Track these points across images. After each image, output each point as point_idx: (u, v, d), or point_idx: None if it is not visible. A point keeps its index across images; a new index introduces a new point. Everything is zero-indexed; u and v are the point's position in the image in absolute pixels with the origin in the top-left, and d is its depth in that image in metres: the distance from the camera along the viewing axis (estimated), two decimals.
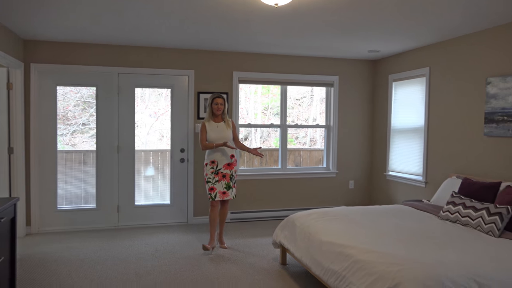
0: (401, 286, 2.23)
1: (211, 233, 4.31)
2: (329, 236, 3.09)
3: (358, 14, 3.67)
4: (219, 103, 4.29)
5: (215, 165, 4.26)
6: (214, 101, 4.29)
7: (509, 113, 3.85)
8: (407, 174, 5.39)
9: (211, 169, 4.26)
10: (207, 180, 4.27)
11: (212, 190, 4.24)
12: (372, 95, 6.16)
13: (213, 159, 4.27)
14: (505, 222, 3.07)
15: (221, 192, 4.25)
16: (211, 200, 4.25)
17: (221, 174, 4.26)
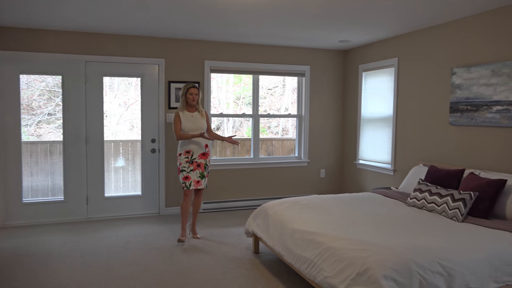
0: (370, 272, 2.29)
1: (182, 223, 4.29)
2: (301, 224, 3.14)
3: (329, 4, 3.69)
4: (194, 93, 4.24)
5: (190, 154, 4.23)
6: (189, 91, 4.24)
7: (472, 102, 3.99)
8: (377, 163, 5.52)
9: (186, 159, 4.22)
10: (181, 169, 4.23)
11: (187, 179, 4.21)
12: (343, 85, 6.24)
13: (188, 149, 4.23)
14: (468, 208, 3.20)
15: (195, 181, 4.23)
16: (185, 189, 4.21)
17: (196, 163, 4.24)
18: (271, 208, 3.67)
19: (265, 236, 3.56)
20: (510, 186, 3.27)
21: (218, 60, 5.51)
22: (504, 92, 3.67)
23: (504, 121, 3.68)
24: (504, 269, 2.53)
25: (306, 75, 5.98)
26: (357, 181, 5.92)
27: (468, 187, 3.41)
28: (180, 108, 4.28)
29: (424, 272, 2.32)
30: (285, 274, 3.42)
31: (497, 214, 3.26)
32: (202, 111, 4.34)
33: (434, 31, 4.49)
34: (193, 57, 5.41)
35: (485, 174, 3.62)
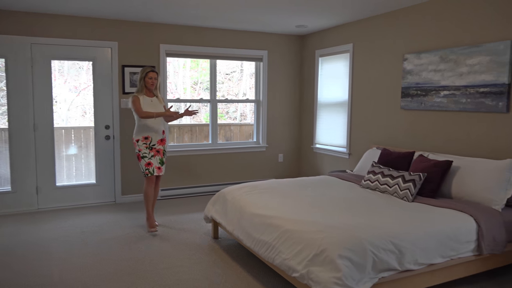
0: (326, 252, 2.36)
1: (148, 211, 4.15)
2: (259, 208, 3.17)
3: None
4: (153, 77, 4.10)
5: (149, 141, 4.12)
6: (148, 75, 4.09)
7: (422, 87, 4.16)
8: (333, 146, 5.66)
9: (145, 145, 4.10)
10: (142, 156, 4.09)
11: (150, 165, 4.09)
12: (300, 70, 6.30)
13: (146, 135, 4.10)
14: (418, 188, 3.36)
15: (157, 167, 4.14)
16: (149, 175, 4.09)
17: (155, 149, 4.14)
18: (230, 193, 3.68)
19: (224, 221, 3.57)
20: (456, 167, 3.47)
21: (174, 44, 5.38)
22: (451, 77, 3.85)
23: (451, 105, 3.87)
24: (449, 244, 2.69)
25: (264, 60, 5.98)
26: (314, 165, 6.05)
27: (418, 168, 3.57)
28: (138, 93, 4.11)
29: (377, 250, 2.42)
30: (244, 258, 3.46)
31: (444, 194, 3.45)
32: (160, 97, 4.24)
33: (388, 18, 4.61)
34: (148, 41, 5.24)
35: (433, 156, 3.81)
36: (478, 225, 2.83)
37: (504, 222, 2.96)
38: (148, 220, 4.14)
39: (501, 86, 3.42)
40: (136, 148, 4.12)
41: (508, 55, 3.35)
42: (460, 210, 2.98)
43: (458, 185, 3.35)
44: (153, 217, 4.18)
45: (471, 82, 3.66)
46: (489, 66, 3.50)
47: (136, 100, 4.03)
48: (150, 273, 3.14)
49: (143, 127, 4.11)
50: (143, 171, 4.12)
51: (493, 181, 3.15)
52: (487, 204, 3.13)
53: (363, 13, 4.69)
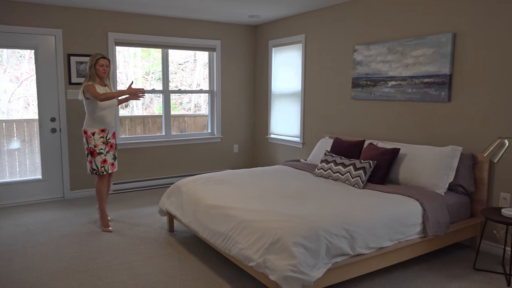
0: (281, 240, 2.40)
1: (102, 209, 3.94)
2: (215, 199, 3.16)
3: None
4: (105, 65, 3.80)
5: (106, 133, 3.86)
6: (99, 62, 3.78)
7: (371, 78, 4.30)
8: (287, 136, 5.73)
9: (102, 139, 3.83)
10: (98, 152, 3.81)
11: (105, 162, 3.85)
12: (254, 60, 6.30)
13: (103, 127, 3.84)
14: (368, 175, 3.49)
15: (111, 163, 3.95)
16: (103, 173, 3.86)
17: (110, 144, 3.92)
18: (185, 185, 3.63)
19: (179, 213, 3.53)
20: (403, 154, 3.63)
21: (123, 32, 5.19)
22: (398, 68, 4.00)
23: (398, 95, 4.03)
24: (397, 228, 2.83)
25: (217, 50, 5.92)
26: (269, 154, 6.11)
27: (368, 156, 3.71)
28: (92, 82, 3.74)
29: (330, 237, 2.50)
30: (201, 250, 3.44)
31: (392, 180, 3.61)
32: (111, 87, 3.98)
33: (339, 9, 4.70)
34: (95, 28, 5.02)
35: (382, 144, 3.96)
36: (424, 209, 3.00)
37: (446, 205, 3.15)
38: (102, 219, 3.95)
39: (443, 76, 3.61)
40: (91, 142, 3.80)
41: (449, 47, 3.54)
42: (407, 195, 3.13)
43: (405, 171, 3.52)
44: (107, 215, 4.00)
45: (417, 73, 3.83)
46: (433, 58, 3.68)
47: (92, 87, 3.68)
48: (103, 270, 3.05)
49: (99, 118, 3.81)
50: (96, 169, 3.83)
51: (437, 167, 3.33)
52: (431, 188, 3.31)
53: (315, 4, 4.75)
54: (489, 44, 3.30)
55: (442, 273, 3.01)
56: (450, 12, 3.56)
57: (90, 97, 3.72)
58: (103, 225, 3.92)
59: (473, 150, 3.47)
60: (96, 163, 3.84)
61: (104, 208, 3.96)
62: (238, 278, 2.94)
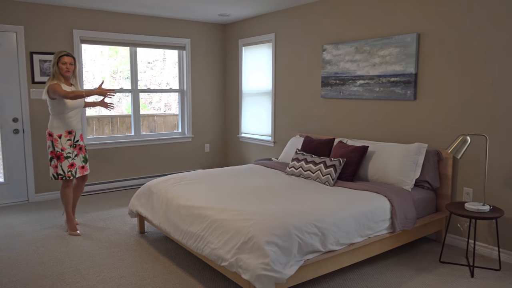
0: (254, 239, 2.41)
1: (68, 212, 3.78)
2: (186, 199, 3.13)
3: None
4: (68, 62, 3.59)
5: (73, 136, 3.68)
6: (62, 59, 3.57)
7: (340, 77, 4.37)
8: (258, 135, 5.75)
9: (69, 142, 3.65)
10: (66, 156, 3.63)
11: (73, 167, 3.68)
12: (224, 59, 6.28)
13: (70, 128, 3.65)
14: (338, 173, 3.55)
15: (80, 167, 3.77)
16: (70, 178, 3.69)
17: (78, 146, 3.74)
18: (156, 186, 3.58)
19: (150, 215, 3.47)
20: (371, 152, 3.72)
21: (90, 30, 5.05)
22: (366, 67, 4.09)
23: (366, 93, 4.12)
24: (366, 224, 2.89)
25: (187, 49, 5.86)
26: (241, 153, 6.11)
27: (338, 154, 3.77)
28: (57, 81, 3.56)
29: (302, 234, 2.52)
30: (173, 251, 3.40)
31: (361, 177, 3.69)
32: (78, 87, 3.80)
33: (308, 9, 4.75)
34: (60, 25, 4.86)
35: (351, 142, 4.04)
36: (392, 204, 3.08)
37: (413, 200, 3.25)
38: (69, 223, 3.80)
39: (409, 76, 3.72)
40: (58, 146, 3.62)
41: (414, 47, 3.64)
42: (376, 192, 3.21)
43: (374, 168, 3.60)
44: (74, 219, 3.87)
45: (383, 72, 3.93)
46: (399, 57, 3.78)
47: (57, 86, 3.48)
48: (71, 274, 2.96)
49: (66, 119, 3.62)
50: (62, 174, 3.66)
51: (404, 163, 3.43)
52: (398, 185, 3.41)
53: (284, 3, 4.78)
54: (451, 44, 3.42)
55: (410, 266, 3.10)
56: (414, 13, 3.66)
57: (56, 97, 3.52)
58: (70, 229, 3.80)
59: (437, 147, 3.59)
60: (62, 168, 3.66)
61: (71, 212, 3.83)
62: (211, 278, 2.93)
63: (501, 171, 3.19)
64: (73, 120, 3.69)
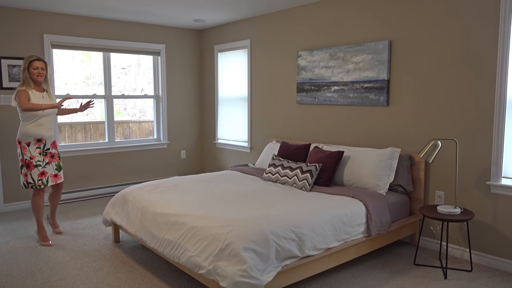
0: (231, 246, 2.39)
1: (38, 220, 3.67)
2: (162, 207, 3.08)
3: None
4: (40, 67, 3.52)
5: (43, 144, 3.57)
6: (33, 64, 3.50)
7: (315, 83, 4.42)
8: (235, 141, 5.74)
9: (38, 149, 3.55)
10: (35, 164, 3.52)
11: (43, 175, 3.57)
12: (200, 65, 6.26)
13: (39, 136, 3.54)
14: (314, 178, 3.58)
15: (53, 175, 3.66)
16: (41, 187, 3.58)
17: (49, 154, 3.64)
18: (131, 194, 3.51)
19: (125, 223, 3.40)
20: (346, 157, 3.77)
21: (61, 35, 4.94)
22: (340, 74, 4.15)
23: (340, 99, 4.18)
24: (343, 228, 2.92)
25: (162, 54, 5.81)
26: (217, 160, 6.08)
27: (314, 159, 3.80)
28: (26, 87, 3.49)
29: (279, 240, 2.53)
30: (149, 260, 3.34)
31: (337, 182, 3.73)
32: (51, 92, 3.70)
33: (283, 15, 4.80)
34: (29, 30, 4.73)
35: (327, 147, 4.09)
36: (367, 209, 3.12)
37: (388, 204, 3.31)
38: (40, 233, 3.68)
39: (382, 82, 3.80)
40: (27, 154, 3.51)
41: (386, 54, 3.73)
42: (351, 196, 3.25)
43: (349, 173, 3.65)
44: (44, 226, 3.74)
45: (357, 78, 4.00)
46: (371, 64, 3.86)
47: (23, 93, 3.42)
48: (42, 287, 2.86)
49: (35, 127, 3.52)
50: (32, 182, 3.55)
51: (378, 168, 3.49)
52: (373, 189, 3.46)
53: (259, 10, 4.81)
54: (421, 51, 3.52)
55: (385, 270, 3.15)
56: (386, 21, 3.76)
57: (17, 106, 3.44)
58: (41, 239, 3.68)
59: (410, 151, 3.68)
60: (32, 176, 3.55)
61: (42, 221, 3.71)
62: (188, 287, 2.89)
63: (471, 174, 3.29)
64: (43, 128, 3.58)
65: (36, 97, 3.54)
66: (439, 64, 3.42)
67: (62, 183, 3.86)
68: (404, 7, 3.61)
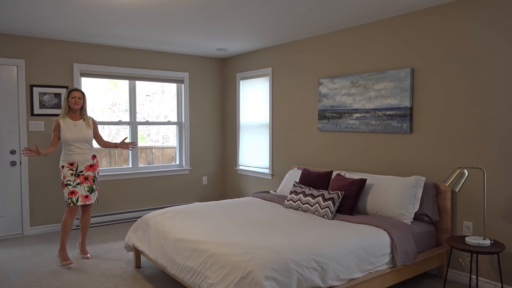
0: (252, 274, 2.36)
1: (63, 242, 3.81)
2: (183, 233, 3.08)
3: (205, 12, 3.73)
4: (77, 97, 3.89)
5: (75, 167, 3.87)
6: (71, 94, 3.88)
7: (337, 110, 4.43)
8: (256, 168, 5.74)
9: (70, 171, 3.85)
10: (66, 183, 3.82)
11: (73, 194, 3.83)
12: (222, 92, 6.37)
13: (71, 160, 3.87)
14: (336, 206, 3.53)
15: (84, 196, 3.88)
16: (71, 205, 3.82)
17: (83, 176, 3.90)
18: (152, 219, 3.54)
19: (146, 249, 3.41)
20: (369, 185, 3.71)
21: (89, 64, 5.13)
22: (362, 101, 4.15)
23: (363, 126, 4.16)
24: (367, 259, 2.85)
25: (185, 82, 5.95)
26: (238, 186, 6.08)
27: (336, 187, 3.76)
28: (61, 115, 3.91)
29: (300, 269, 2.48)
30: (169, 287, 3.32)
31: (360, 210, 3.66)
32: (89, 119, 4.01)
33: (304, 44, 4.87)
34: (60, 59, 4.94)
35: (349, 174, 4.04)
36: (392, 239, 3.04)
37: (413, 234, 3.21)
38: (61, 252, 3.81)
39: (404, 109, 3.77)
40: (61, 174, 3.87)
41: (409, 81, 3.72)
42: (375, 225, 3.18)
43: (372, 201, 3.58)
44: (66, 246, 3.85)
45: (379, 105, 3.98)
46: (393, 91, 3.85)
47: (56, 127, 3.88)
48: None
49: (67, 152, 3.89)
50: (65, 200, 3.85)
51: (402, 196, 3.42)
52: (398, 218, 3.38)
53: (280, 39, 4.90)
54: (444, 78, 3.49)
55: None
56: (407, 49, 3.76)
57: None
58: (62, 259, 3.77)
59: (435, 180, 3.59)
60: (64, 194, 3.86)
61: (65, 241, 3.84)
62: None
63: (500, 204, 3.18)
64: (74, 153, 3.89)
65: (67, 125, 3.88)
66: (463, 91, 3.37)
67: (90, 205, 4.04)
68: (426, 35, 3.61)
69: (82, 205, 3.97)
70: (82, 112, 3.99)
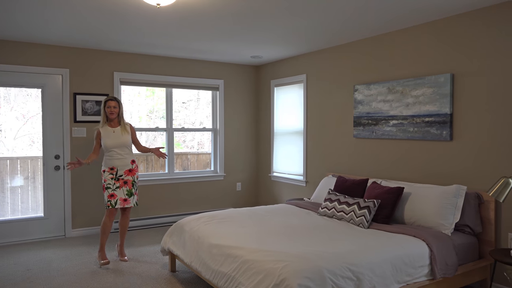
0: (286, 282, 2.35)
1: (102, 243, 3.99)
2: (218, 239, 3.11)
3: (240, 21, 3.78)
4: (112, 106, 4.06)
5: (115, 171, 4.04)
6: (107, 104, 4.07)
7: (372, 117, 4.35)
8: (290, 175, 5.72)
9: (110, 175, 4.03)
10: (106, 187, 4.00)
11: (113, 197, 3.99)
12: (256, 99, 6.41)
13: (112, 165, 4.04)
14: (372, 214, 3.45)
15: (122, 199, 4.03)
16: (110, 207, 3.99)
17: (122, 180, 4.05)
18: (188, 224, 3.59)
19: (181, 253, 3.47)
20: (407, 193, 3.61)
21: (129, 72, 5.31)
22: (399, 107, 4.06)
23: (400, 133, 4.06)
24: (404, 269, 2.76)
25: (220, 89, 6.03)
26: (272, 193, 6.08)
27: (372, 195, 3.68)
28: (101, 124, 4.12)
29: (335, 278, 2.44)
30: None
31: (397, 219, 3.57)
32: (126, 126, 4.17)
33: (339, 50, 4.83)
34: (101, 68, 5.14)
35: (385, 182, 3.95)
36: (431, 249, 2.94)
37: (454, 246, 3.09)
38: (100, 252, 3.99)
39: (444, 116, 3.65)
40: (103, 178, 4.05)
41: (448, 87, 3.60)
42: (413, 235, 3.08)
43: (410, 210, 3.48)
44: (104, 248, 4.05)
45: (417, 112, 3.88)
46: (432, 97, 3.74)
47: (96, 136, 4.10)
48: None
49: (107, 157, 4.07)
50: (105, 203, 4.02)
51: (442, 206, 3.30)
52: (437, 228, 3.26)
53: (315, 46, 4.88)
54: (486, 84, 3.36)
55: None
56: (447, 53, 3.65)
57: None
58: (101, 258, 3.95)
59: (477, 189, 3.45)
60: (104, 197, 4.03)
61: (104, 243, 4.01)
62: None
63: None
64: (114, 158, 4.05)
65: (107, 133, 4.06)
66: (507, 97, 3.23)
67: (129, 209, 4.17)
68: (467, 39, 3.49)
69: (121, 208, 4.10)
70: (119, 118, 4.15)
